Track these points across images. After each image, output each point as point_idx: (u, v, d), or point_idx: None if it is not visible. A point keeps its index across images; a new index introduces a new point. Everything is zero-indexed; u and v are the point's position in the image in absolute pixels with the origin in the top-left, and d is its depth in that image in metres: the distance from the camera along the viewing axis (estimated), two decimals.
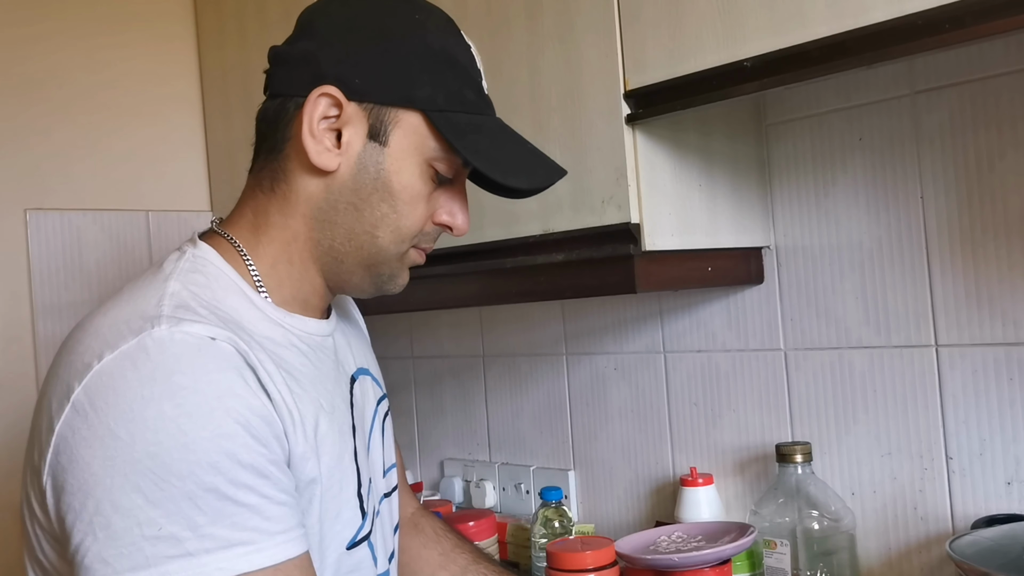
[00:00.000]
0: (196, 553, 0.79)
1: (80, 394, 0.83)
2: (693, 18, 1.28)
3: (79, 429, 0.82)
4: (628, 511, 1.89)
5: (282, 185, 1.01)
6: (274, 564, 0.83)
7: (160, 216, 2.22)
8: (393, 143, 0.99)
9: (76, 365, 0.85)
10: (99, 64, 2.16)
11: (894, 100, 1.48)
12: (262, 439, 0.86)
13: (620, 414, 1.89)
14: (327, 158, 0.98)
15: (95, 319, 0.90)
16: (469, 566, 1.31)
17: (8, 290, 2.00)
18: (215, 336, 0.87)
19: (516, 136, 1.07)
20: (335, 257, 1.02)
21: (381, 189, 0.99)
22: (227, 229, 1.03)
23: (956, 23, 1.03)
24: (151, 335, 0.84)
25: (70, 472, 0.81)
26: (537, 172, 1.06)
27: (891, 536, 1.51)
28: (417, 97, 0.98)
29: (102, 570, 0.79)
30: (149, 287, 0.93)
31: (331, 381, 1.05)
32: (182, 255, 0.98)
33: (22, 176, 2.03)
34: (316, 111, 0.97)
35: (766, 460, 1.65)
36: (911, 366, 1.48)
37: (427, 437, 2.33)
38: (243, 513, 0.82)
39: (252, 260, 1.01)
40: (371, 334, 1.33)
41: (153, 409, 0.81)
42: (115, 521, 0.79)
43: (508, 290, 1.59)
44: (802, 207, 1.59)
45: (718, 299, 1.71)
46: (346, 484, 1.02)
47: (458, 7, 1.59)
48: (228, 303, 0.95)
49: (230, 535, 0.81)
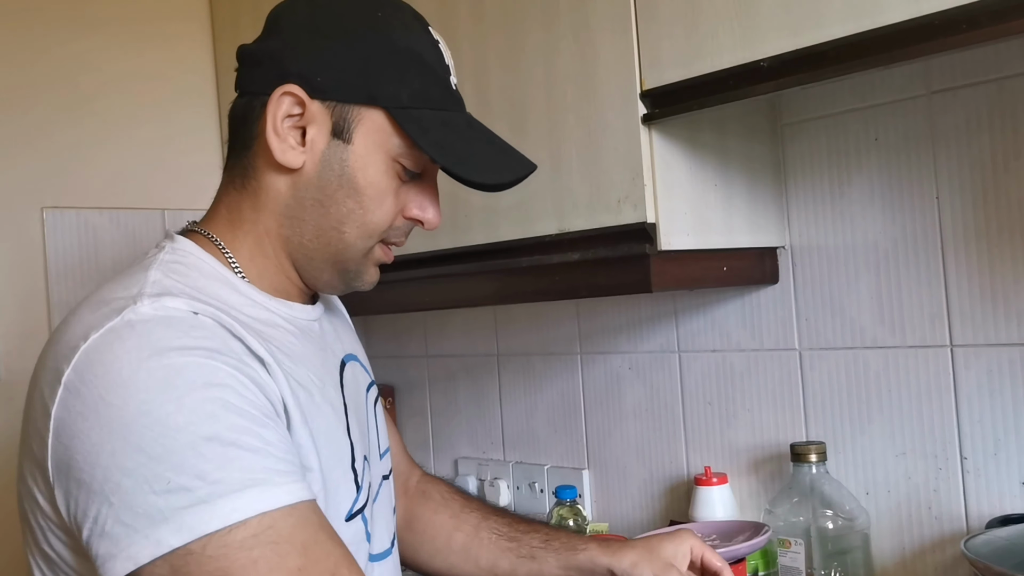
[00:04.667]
0: (209, 499, 0.79)
1: (70, 374, 0.84)
2: (710, 18, 1.28)
3: (73, 406, 0.83)
4: (642, 510, 1.89)
5: (252, 182, 1.02)
6: (290, 504, 0.83)
7: (176, 215, 2.23)
8: (357, 140, 0.99)
9: (63, 351, 0.86)
10: (114, 62, 2.17)
11: (910, 100, 1.48)
12: (253, 393, 0.87)
13: (634, 413, 1.89)
14: (292, 156, 0.99)
15: (77, 311, 0.92)
16: (480, 523, 1.32)
17: (25, 287, 2.02)
18: (197, 311, 0.88)
19: (485, 132, 1.07)
20: (304, 254, 1.03)
21: (346, 186, 1.00)
22: (203, 226, 1.05)
23: (972, 24, 1.03)
24: (134, 310, 0.86)
25: (72, 449, 0.82)
26: (504, 168, 1.06)
27: (905, 535, 1.51)
28: (380, 95, 0.99)
29: (123, 533, 0.79)
30: (130, 278, 0.94)
31: (320, 361, 1.06)
32: (160, 250, 1.00)
33: (39, 174, 2.05)
34: (280, 109, 0.98)
35: (780, 459, 1.65)
36: (926, 366, 1.48)
37: (441, 436, 2.34)
38: (248, 456, 0.82)
39: (231, 252, 1.02)
40: (385, 333, 1.34)
41: (143, 372, 0.82)
42: (125, 483, 0.79)
43: (524, 289, 1.60)
44: (817, 207, 1.59)
45: (733, 299, 1.71)
46: (342, 456, 1.03)
47: (474, 7, 1.60)
48: (211, 290, 0.96)
49: (241, 477, 0.81)
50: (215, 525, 0.79)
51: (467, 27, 1.58)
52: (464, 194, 1.12)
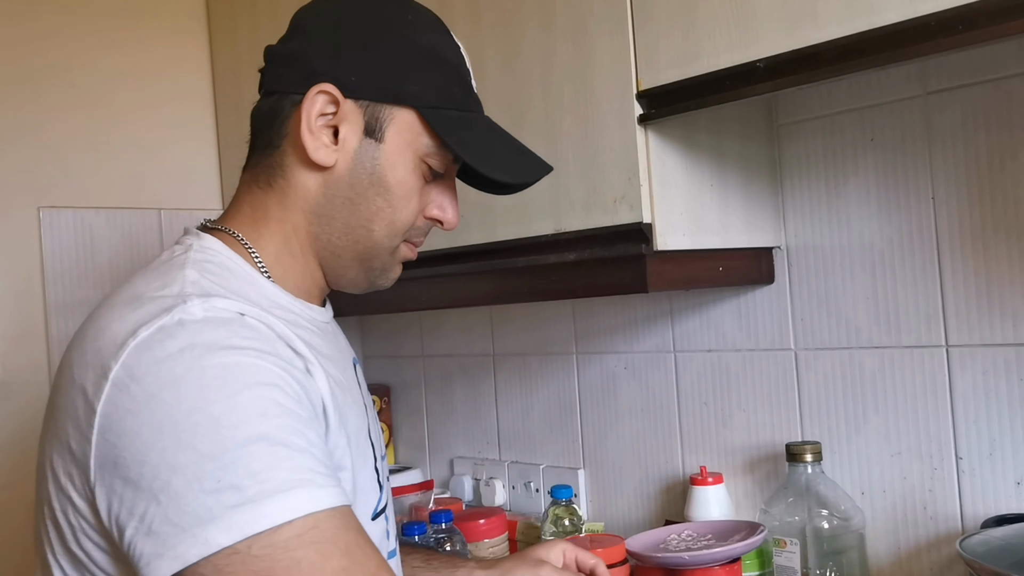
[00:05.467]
0: (257, 498, 0.79)
1: (119, 371, 0.83)
2: (706, 18, 1.28)
3: (122, 403, 0.82)
4: (638, 510, 1.89)
5: (280, 181, 1.03)
6: (333, 507, 0.83)
7: (172, 215, 2.23)
8: (388, 139, 1.02)
9: (108, 347, 0.85)
10: (111, 60, 2.16)
11: (906, 100, 1.48)
12: (298, 394, 0.87)
13: (630, 413, 1.89)
14: (324, 154, 1.00)
15: (113, 307, 0.90)
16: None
17: (21, 287, 2.01)
18: (244, 312, 0.89)
19: (504, 133, 1.10)
20: (332, 251, 1.05)
21: (376, 184, 1.02)
22: (227, 224, 1.05)
23: (969, 24, 1.03)
24: (184, 309, 0.86)
25: (120, 447, 0.82)
26: (523, 167, 1.10)
27: (901, 535, 1.52)
28: (409, 94, 1.02)
29: (170, 532, 0.79)
30: (166, 274, 0.94)
31: (341, 361, 1.08)
32: (188, 247, 0.99)
33: (36, 174, 2.04)
34: (314, 108, 1.00)
35: (776, 459, 1.65)
36: (921, 366, 1.48)
37: (437, 435, 2.34)
38: (297, 457, 0.82)
39: (257, 251, 1.03)
40: (381, 332, 1.34)
41: (195, 371, 0.82)
42: (174, 482, 0.79)
43: (520, 289, 1.60)
44: (813, 207, 1.59)
45: (729, 299, 1.71)
46: (367, 456, 1.04)
47: (471, 7, 1.60)
48: (243, 290, 0.96)
49: (289, 477, 0.81)
50: (264, 525, 0.79)
51: (464, 27, 1.57)
52: (462, 194, 1.13)
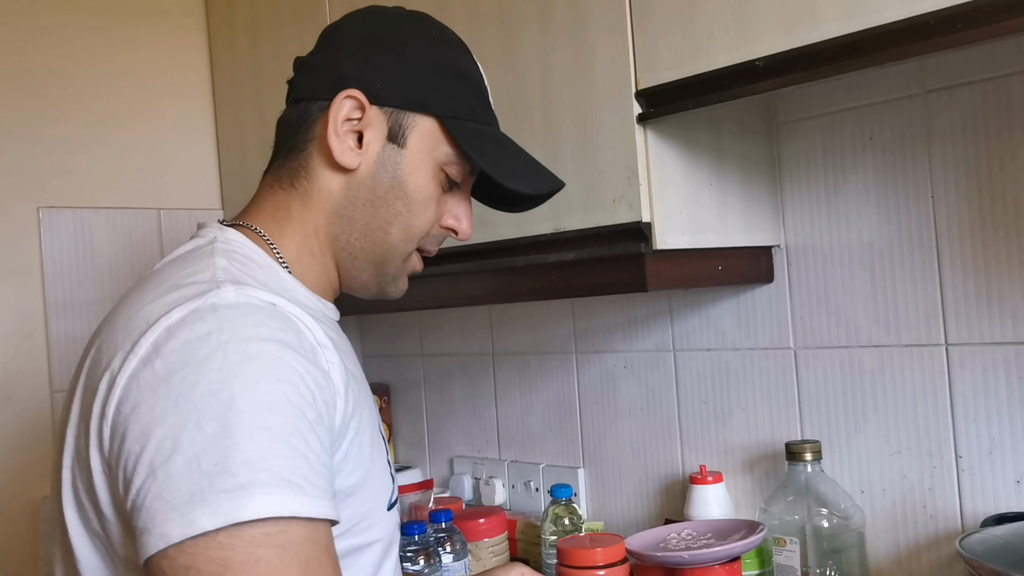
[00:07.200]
0: (248, 487, 0.79)
1: (148, 348, 0.85)
2: (705, 17, 1.28)
3: (143, 376, 0.84)
4: (638, 509, 1.89)
5: (303, 182, 1.07)
6: (313, 517, 0.83)
7: (172, 214, 2.23)
8: (410, 145, 1.06)
9: (140, 326, 0.87)
10: (111, 61, 2.17)
11: (905, 99, 1.48)
12: (312, 395, 0.88)
13: (630, 412, 1.89)
14: (349, 157, 1.04)
15: (145, 292, 0.93)
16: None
17: (21, 287, 2.02)
18: (275, 303, 0.91)
19: (518, 148, 1.15)
20: (350, 252, 1.08)
21: (397, 188, 1.06)
22: (247, 221, 1.08)
23: (968, 23, 1.03)
24: (218, 294, 0.88)
25: (131, 418, 0.83)
26: (538, 180, 1.14)
27: (900, 534, 1.52)
28: (433, 103, 1.06)
29: (160, 507, 0.79)
30: (196, 262, 0.96)
31: (354, 357, 1.11)
32: (213, 240, 1.02)
33: (35, 174, 2.04)
34: (341, 112, 1.04)
35: (776, 458, 1.65)
36: (921, 365, 1.48)
37: (437, 435, 2.34)
38: (295, 458, 0.83)
39: (278, 248, 1.06)
40: (381, 331, 1.35)
41: (219, 354, 0.83)
42: (175, 459, 0.79)
43: (519, 288, 1.60)
44: (812, 206, 1.59)
45: (728, 297, 1.71)
46: (380, 448, 1.07)
47: (470, 7, 1.60)
48: (268, 281, 0.99)
49: (282, 474, 0.81)
50: (248, 515, 0.78)
51: (463, 27, 1.57)
52: None
